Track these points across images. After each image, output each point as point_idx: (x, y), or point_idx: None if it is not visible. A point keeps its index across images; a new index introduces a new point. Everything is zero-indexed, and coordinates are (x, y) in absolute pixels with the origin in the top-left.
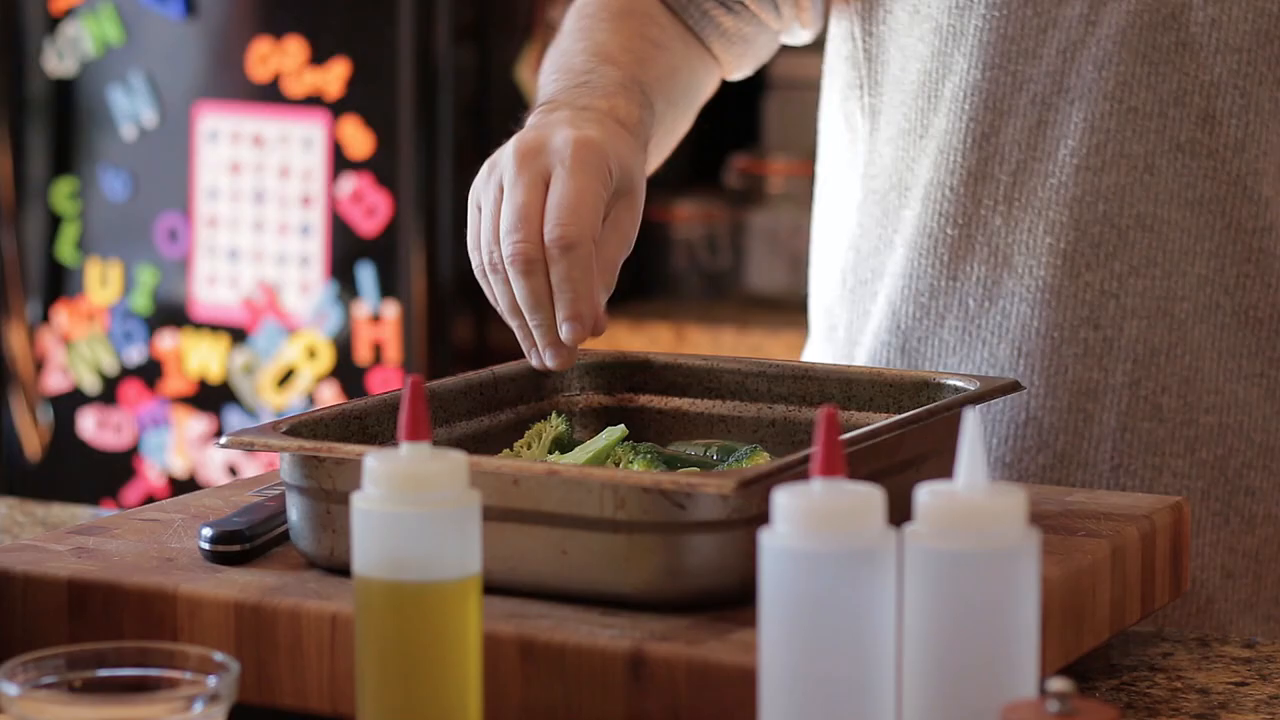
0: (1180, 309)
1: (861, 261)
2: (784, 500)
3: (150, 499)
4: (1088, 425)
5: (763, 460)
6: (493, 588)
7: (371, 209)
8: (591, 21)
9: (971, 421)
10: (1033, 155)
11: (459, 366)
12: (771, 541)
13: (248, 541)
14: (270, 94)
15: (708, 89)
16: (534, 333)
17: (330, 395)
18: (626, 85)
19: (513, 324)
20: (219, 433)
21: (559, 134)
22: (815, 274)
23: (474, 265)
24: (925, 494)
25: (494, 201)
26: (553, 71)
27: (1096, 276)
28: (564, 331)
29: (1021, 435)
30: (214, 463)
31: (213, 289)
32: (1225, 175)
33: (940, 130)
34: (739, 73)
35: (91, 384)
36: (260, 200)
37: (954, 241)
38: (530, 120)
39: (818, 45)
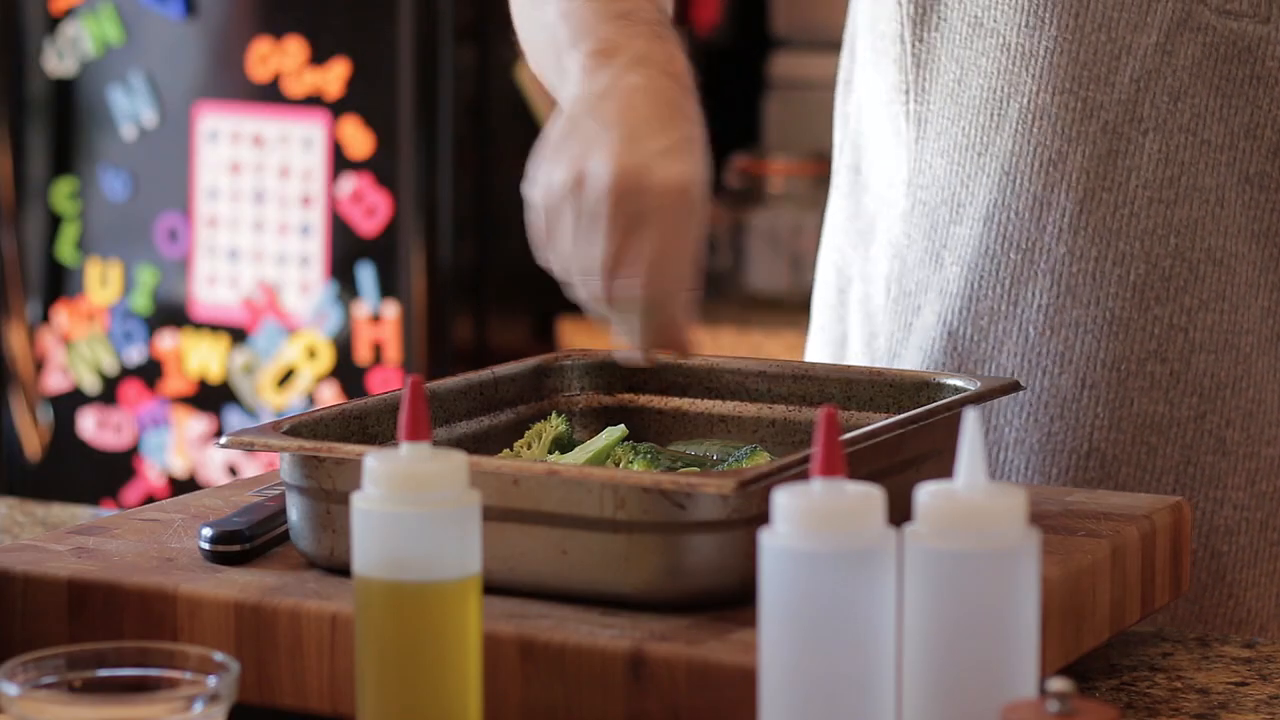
0: (1245, 342)
1: (908, 272)
2: (784, 500)
3: (150, 499)
4: (1151, 458)
5: (763, 460)
6: (493, 588)
7: (371, 209)
8: None
9: (971, 421)
10: (1102, 184)
11: (459, 366)
12: (771, 541)
13: (248, 541)
14: (270, 94)
15: None
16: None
17: (330, 395)
18: None
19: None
20: (219, 433)
21: (656, 169)
22: (844, 273)
23: (543, 260)
24: (925, 494)
25: (575, 215)
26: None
27: (1166, 310)
28: (650, 355)
29: (1084, 467)
30: (214, 463)
31: (213, 289)
32: None
33: (1004, 151)
34: None
35: (91, 384)
36: (260, 200)
37: (1016, 266)
38: (590, 79)
39: (820, 45)
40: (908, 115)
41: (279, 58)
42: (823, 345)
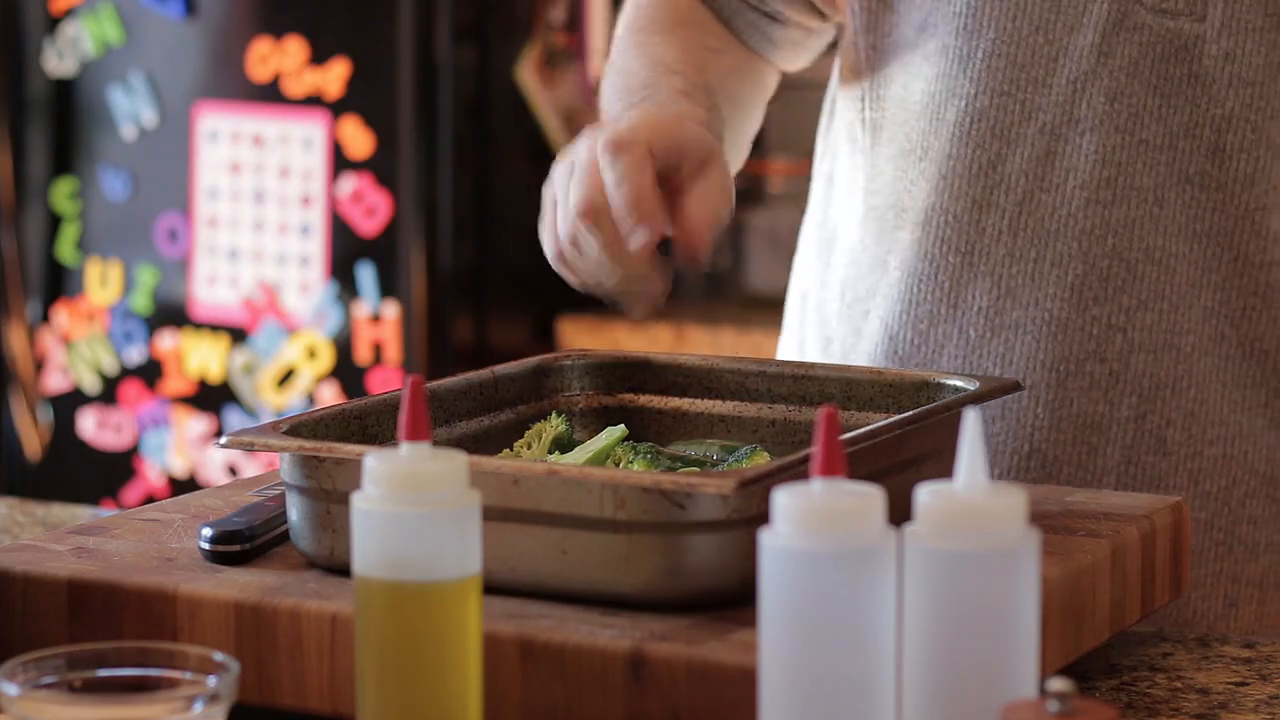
0: (1186, 342)
1: (860, 278)
2: (784, 500)
3: (150, 499)
4: (1092, 458)
5: (763, 460)
6: (493, 588)
7: (371, 209)
8: (645, 35)
9: (971, 421)
10: (1040, 186)
11: (459, 366)
12: (771, 541)
13: (248, 541)
14: (270, 94)
15: (769, 85)
16: (620, 297)
17: (330, 395)
18: (689, 91)
19: (599, 291)
20: (219, 433)
21: (641, 128)
22: (807, 278)
23: (550, 253)
24: (925, 494)
25: (568, 176)
26: (614, 90)
27: (1104, 310)
28: (633, 239)
29: (1025, 467)
30: (214, 463)
31: (213, 289)
32: (1234, 209)
33: (943, 154)
34: (796, 66)
35: (91, 384)
36: (260, 200)
37: (955, 269)
38: (625, 110)
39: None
40: (863, 122)
41: (279, 58)
42: (786, 352)
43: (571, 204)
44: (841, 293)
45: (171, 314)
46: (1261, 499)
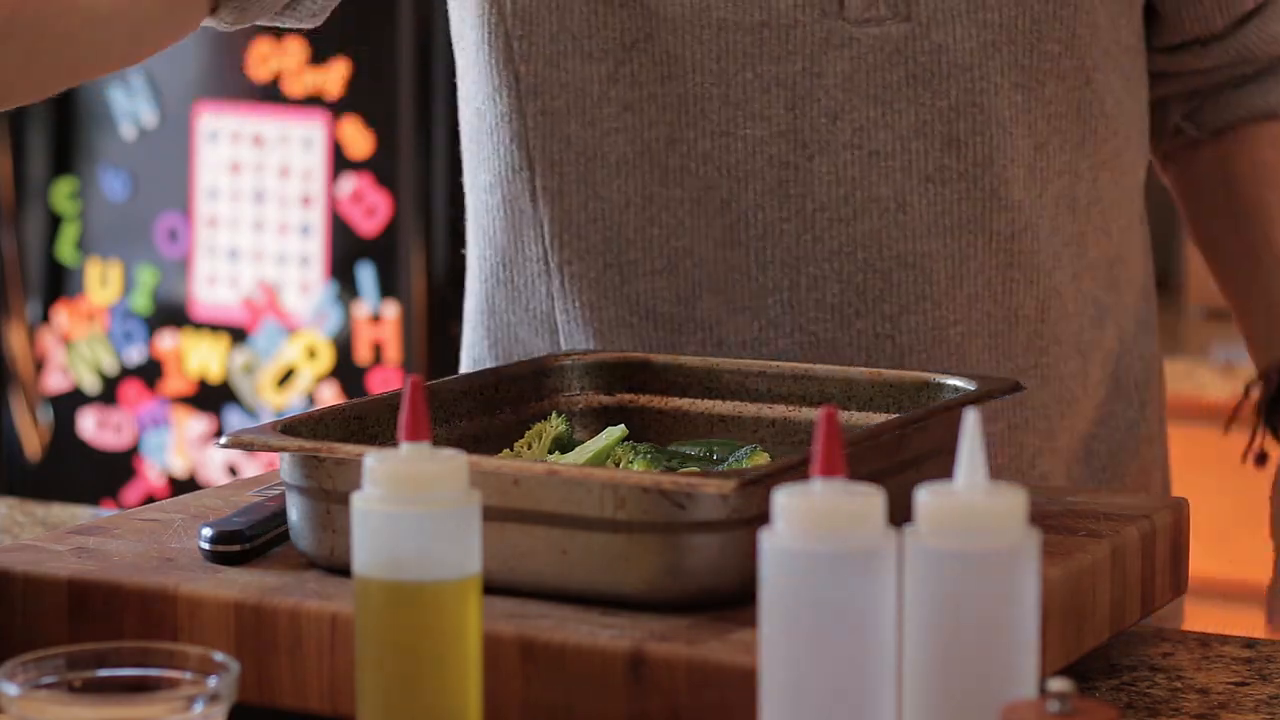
0: (955, 332)
1: None
2: (784, 500)
3: (150, 499)
4: None
5: (763, 460)
6: (493, 588)
7: (371, 209)
8: None
9: (971, 421)
10: (779, 216)
11: (459, 366)
12: (771, 541)
13: (248, 541)
14: (270, 94)
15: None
16: None
17: (330, 395)
18: None
19: None
20: (219, 433)
21: None
22: None
23: None
24: (925, 494)
25: None
26: None
27: (868, 323)
28: None
29: None
30: (214, 463)
31: (213, 289)
32: (978, 194)
33: (681, 200)
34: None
35: (91, 384)
36: (260, 200)
37: (713, 309)
38: None
39: None
40: (533, 190)
41: (279, 58)
42: None
43: None
44: None
45: (171, 314)
46: (1047, 456)
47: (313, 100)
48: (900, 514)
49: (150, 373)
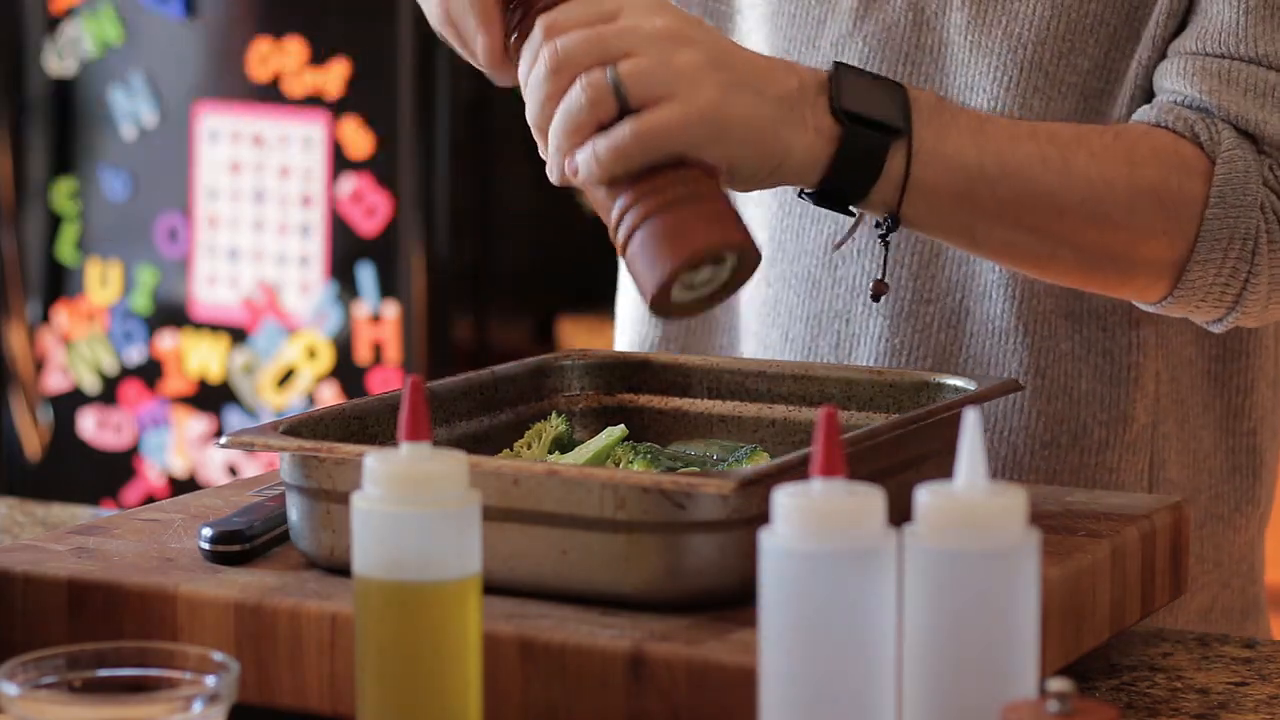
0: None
1: None
2: (784, 500)
3: (150, 499)
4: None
5: (763, 460)
6: (493, 588)
7: (371, 209)
8: None
9: (971, 421)
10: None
11: (459, 366)
12: (771, 541)
13: (248, 541)
14: (270, 94)
15: None
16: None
17: (330, 395)
18: None
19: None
20: (219, 433)
21: None
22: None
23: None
24: (925, 494)
25: None
26: None
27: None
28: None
29: None
30: (214, 463)
31: (213, 289)
32: None
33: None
34: None
35: (91, 384)
36: (260, 200)
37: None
38: None
39: None
40: None
41: (279, 58)
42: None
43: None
44: None
45: (171, 314)
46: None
47: (313, 100)
48: (900, 514)
49: (150, 373)
